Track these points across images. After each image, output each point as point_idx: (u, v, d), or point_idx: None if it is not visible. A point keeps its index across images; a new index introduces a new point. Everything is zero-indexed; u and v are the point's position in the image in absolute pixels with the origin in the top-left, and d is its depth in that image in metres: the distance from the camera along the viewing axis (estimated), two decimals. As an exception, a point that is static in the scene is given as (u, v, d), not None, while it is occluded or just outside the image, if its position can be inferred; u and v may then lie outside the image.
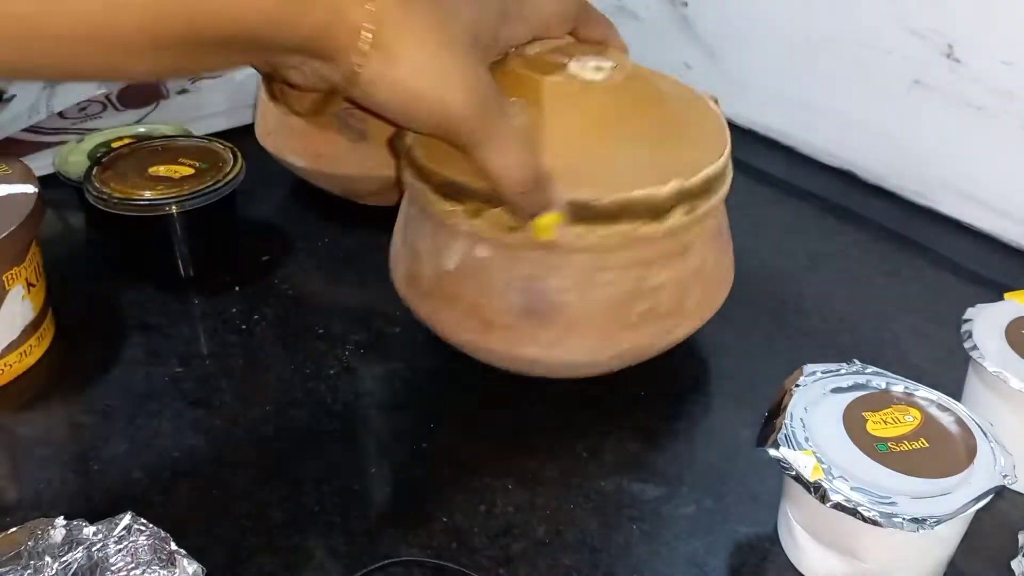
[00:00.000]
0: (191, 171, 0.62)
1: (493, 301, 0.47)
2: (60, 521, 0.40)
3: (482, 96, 0.41)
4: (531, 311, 0.46)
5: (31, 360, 0.54)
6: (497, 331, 0.47)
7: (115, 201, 0.59)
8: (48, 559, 0.38)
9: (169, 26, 0.34)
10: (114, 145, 0.67)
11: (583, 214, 0.44)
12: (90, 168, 0.62)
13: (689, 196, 0.45)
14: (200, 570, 0.39)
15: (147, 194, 0.59)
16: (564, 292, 0.46)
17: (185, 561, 0.39)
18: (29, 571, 0.38)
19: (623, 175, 0.45)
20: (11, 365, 0.53)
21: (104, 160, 0.63)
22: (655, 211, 0.45)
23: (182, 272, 0.62)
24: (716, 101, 0.53)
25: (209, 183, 0.60)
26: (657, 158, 0.46)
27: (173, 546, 0.40)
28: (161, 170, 0.62)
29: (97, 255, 0.66)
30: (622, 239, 0.45)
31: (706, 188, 0.47)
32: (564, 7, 0.49)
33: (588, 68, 0.48)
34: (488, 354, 0.49)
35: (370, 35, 0.38)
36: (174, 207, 0.59)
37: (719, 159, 0.48)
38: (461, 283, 0.47)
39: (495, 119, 0.42)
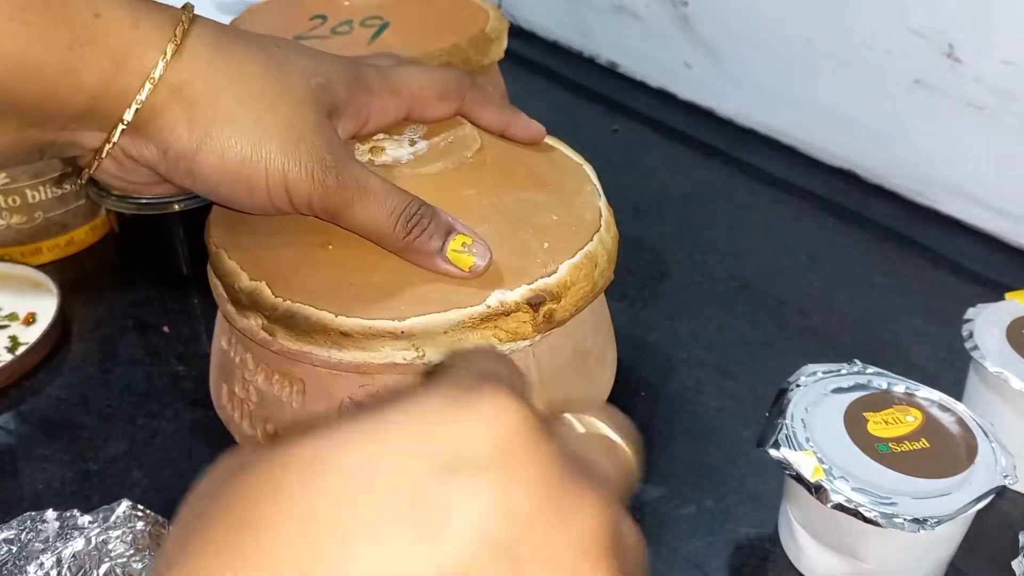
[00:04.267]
0: (191, 170, 0.62)
1: None
2: (51, 514, 0.40)
3: (328, 153, 0.36)
4: None
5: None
6: None
7: (116, 198, 0.59)
8: (45, 548, 0.38)
9: None
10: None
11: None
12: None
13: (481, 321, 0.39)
14: None
15: (147, 193, 0.59)
16: None
17: None
18: (24, 563, 0.38)
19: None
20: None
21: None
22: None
23: (183, 271, 0.62)
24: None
25: (209, 182, 0.60)
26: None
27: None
28: (161, 169, 0.62)
29: (98, 253, 0.66)
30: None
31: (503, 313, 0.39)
32: (440, 84, 0.45)
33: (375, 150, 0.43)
34: None
35: (161, 67, 0.33)
36: (176, 205, 0.59)
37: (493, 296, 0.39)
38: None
39: (346, 175, 0.37)
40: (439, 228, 0.38)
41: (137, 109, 0.34)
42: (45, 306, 0.58)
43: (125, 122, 0.35)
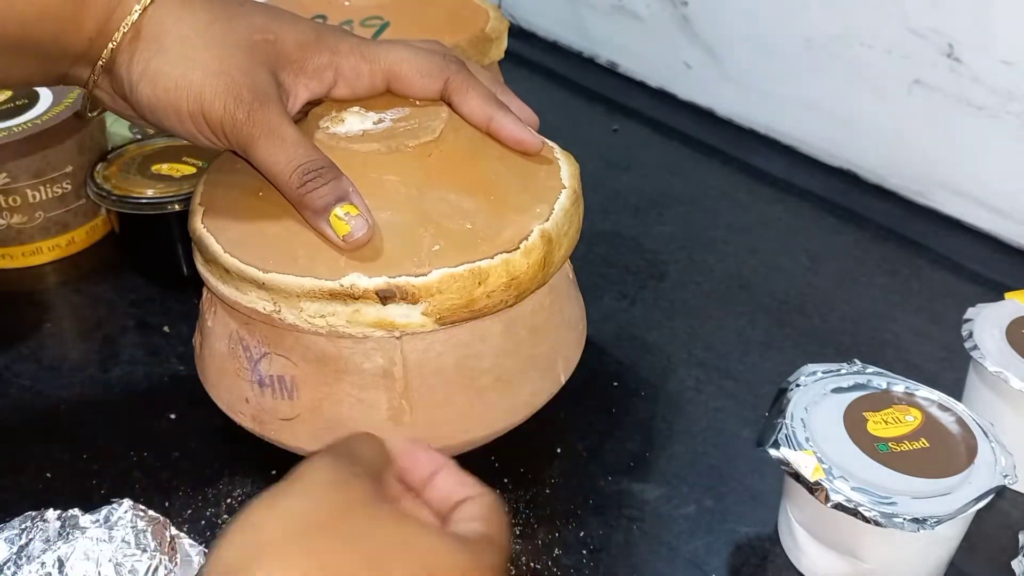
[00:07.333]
0: (193, 170, 0.62)
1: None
2: (52, 514, 0.40)
3: (247, 90, 0.40)
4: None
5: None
6: None
7: (116, 198, 0.59)
8: (46, 548, 0.38)
9: None
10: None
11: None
12: (92, 165, 0.62)
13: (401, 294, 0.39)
14: (203, 551, 0.39)
15: (149, 192, 0.59)
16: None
17: (187, 543, 0.39)
18: (25, 563, 0.38)
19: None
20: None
21: (107, 157, 0.63)
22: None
23: (183, 271, 0.62)
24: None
25: (209, 182, 0.60)
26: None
27: (173, 531, 0.39)
28: (163, 168, 0.62)
29: (98, 253, 0.66)
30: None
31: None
32: (420, 62, 0.44)
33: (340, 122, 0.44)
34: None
35: (137, 12, 0.39)
36: (176, 205, 0.59)
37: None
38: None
39: (260, 113, 0.40)
40: (333, 190, 0.40)
41: (112, 49, 0.40)
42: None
43: (104, 59, 0.40)
